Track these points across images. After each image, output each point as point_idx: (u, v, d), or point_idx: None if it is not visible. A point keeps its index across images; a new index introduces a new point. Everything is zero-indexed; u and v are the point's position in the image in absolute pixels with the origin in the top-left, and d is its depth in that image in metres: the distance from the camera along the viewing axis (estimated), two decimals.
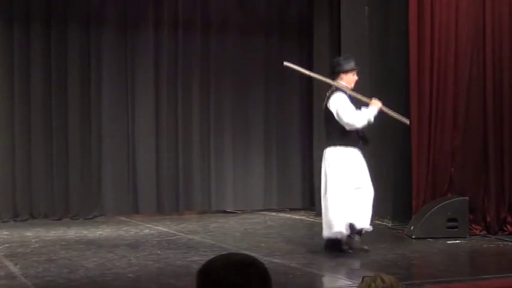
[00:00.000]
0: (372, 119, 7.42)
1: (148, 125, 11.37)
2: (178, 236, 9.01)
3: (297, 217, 11.18)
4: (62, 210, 10.85)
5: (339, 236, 7.29)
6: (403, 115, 9.47)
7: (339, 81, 7.52)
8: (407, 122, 7.87)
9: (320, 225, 10.08)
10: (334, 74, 7.58)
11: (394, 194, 9.76)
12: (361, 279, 2.56)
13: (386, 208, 9.86)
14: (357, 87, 10.52)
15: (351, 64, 7.55)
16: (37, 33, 10.74)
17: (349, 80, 7.53)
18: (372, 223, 7.61)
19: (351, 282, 5.96)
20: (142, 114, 11.35)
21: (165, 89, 11.47)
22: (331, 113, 7.39)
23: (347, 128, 7.34)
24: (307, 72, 8.08)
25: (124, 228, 9.79)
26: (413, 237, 8.38)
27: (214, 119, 11.78)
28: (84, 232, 9.40)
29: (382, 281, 2.45)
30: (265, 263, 2.04)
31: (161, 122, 11.45)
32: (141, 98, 11.36)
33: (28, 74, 10.71)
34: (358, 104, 7.58)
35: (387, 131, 9.91)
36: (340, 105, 7.34)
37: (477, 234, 8.48)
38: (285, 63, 7.80)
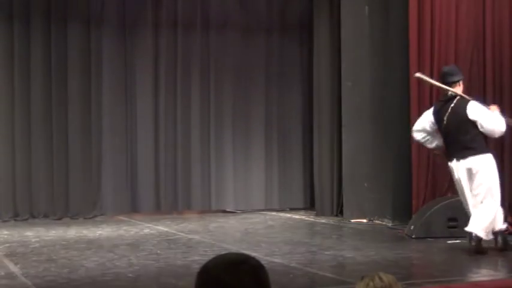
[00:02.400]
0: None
1: (148, 124, 11.37)
2: (178, 236, 9.01)
3: (298, 217, 11.18)
4: (62, 210, 10.85)
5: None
6: (402, 115, 9.51)
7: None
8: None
9: (319, 225, 10.12)
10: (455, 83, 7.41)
11: (394, 194, 9.76)
12: (360, 279, 2.56)
13: (386, 208, 9.87)
14: (357, 87, 10.58)
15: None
16: (37, 33, 10.74)
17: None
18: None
19: (350, 282, 5.95)
20: (142, 114, 11.35)
21: (164, 88, 11.47)
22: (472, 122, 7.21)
23: (497, 135, 7.30)
24: (437, 84, 7.74)
25: (124, 228, 9.78)
26: (413, 236, 8.37)
27: (214, 118, 11.78)
28: (84, 232, 9.40)
29: (381, 279, 2.45)
30: (265, 262, 2.04)
31: (161, 121, 11.45)
32: (141, 97, 11.35)
33: (28, 74, 10.71)
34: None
35: (387, 131, 9.92)
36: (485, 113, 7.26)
37: None
38: (417, 74, 7.73)
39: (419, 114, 9.16)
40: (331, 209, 11.01)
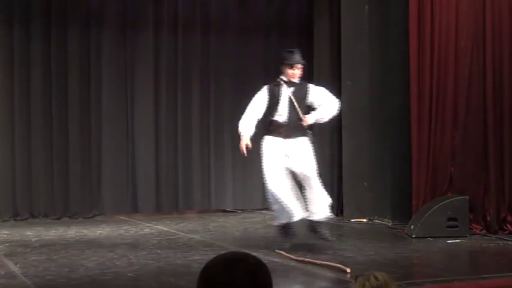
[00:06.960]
0: None
1: (148, 124, 11.36)
2: (178, 235, 9.01)
3: None
4: (62, 210, 10.85)
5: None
6: (403, 115, 9.52)
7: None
8: None
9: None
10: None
11: (394, 194, 9.77)
12: (354, 279, 2.56)
13: (386, 207, 9.87)
14: (357, 87, 10.57)
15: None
16: (37, 33, 10.73)
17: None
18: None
19: (350, 282, 5.96)
20: (141, 114, 11.34)
21: (164, 88, 11.47)
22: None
23: None
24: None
25: (124, 228, 9.78)
26: (413, 236, 8.38)
27: (213, 118, 11.77)
28: (84, 231, 9.40)
29: (376, 278, 2.45)
30: (265, 262, 2.04)
31: (161, 121, 11.45)
32: (141, 97, 11.35)
33: (28, 74, 10.70)
34: None
35: (387, 131, 9.92)
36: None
37: (477, 234, 8.49)
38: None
39: (419, 113, 9.20)
40: (331, 208, 10.98)
